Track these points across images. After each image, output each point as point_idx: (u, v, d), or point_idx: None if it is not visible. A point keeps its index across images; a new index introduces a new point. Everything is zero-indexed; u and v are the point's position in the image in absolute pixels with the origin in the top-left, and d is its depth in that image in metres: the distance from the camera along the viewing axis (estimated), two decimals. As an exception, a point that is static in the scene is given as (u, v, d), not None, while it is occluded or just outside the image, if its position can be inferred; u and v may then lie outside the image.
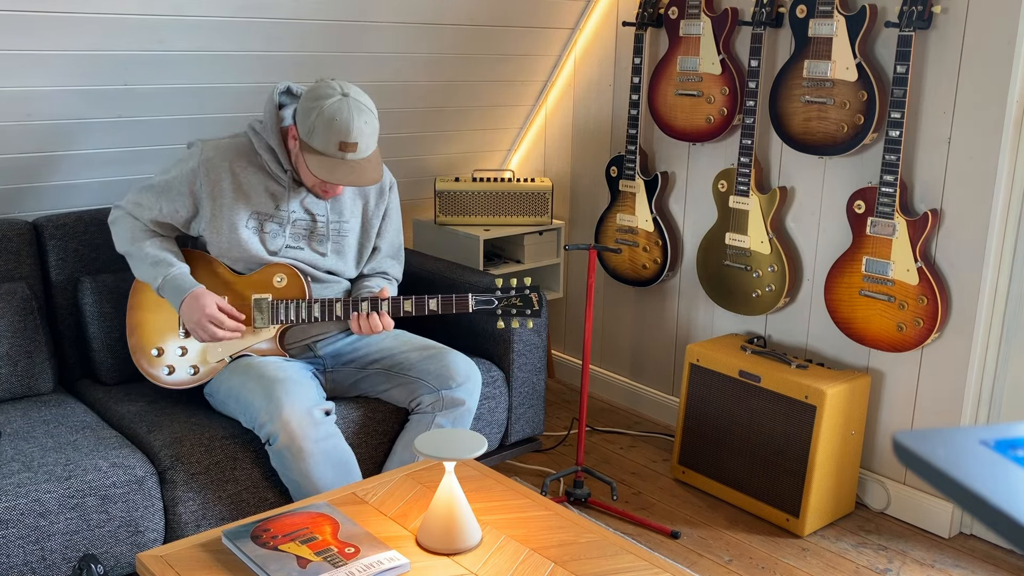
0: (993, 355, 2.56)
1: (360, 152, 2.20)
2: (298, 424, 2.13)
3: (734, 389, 2.77)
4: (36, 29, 2.28)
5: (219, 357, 2.34)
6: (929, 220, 2.51)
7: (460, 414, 2.39)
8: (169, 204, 2.33)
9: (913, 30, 2.43)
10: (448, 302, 2.31)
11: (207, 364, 2.34)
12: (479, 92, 3.39)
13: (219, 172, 2.30)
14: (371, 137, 2.21)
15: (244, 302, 2.34)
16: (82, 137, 2.63)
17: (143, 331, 2.38)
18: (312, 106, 2.18)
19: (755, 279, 2.93)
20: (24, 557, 1.95)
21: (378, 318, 2.29)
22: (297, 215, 2.37)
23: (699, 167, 3.14)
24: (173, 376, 2.36)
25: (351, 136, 2.16)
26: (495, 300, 2.31)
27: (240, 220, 2.31)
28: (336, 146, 2.16)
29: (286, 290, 2.34)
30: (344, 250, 2.46)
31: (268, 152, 2.32)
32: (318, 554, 1.69)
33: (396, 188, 2.58)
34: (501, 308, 2.31)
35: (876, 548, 2.61)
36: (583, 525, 1.89)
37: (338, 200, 2.43)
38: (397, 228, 2.60)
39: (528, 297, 2.31)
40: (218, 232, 2.32)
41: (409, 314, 2.31)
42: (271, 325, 2.34)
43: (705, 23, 2.94)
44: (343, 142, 2.16)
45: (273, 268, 2.34)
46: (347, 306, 2.31)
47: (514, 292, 2.32)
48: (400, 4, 2.82)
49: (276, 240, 2.35)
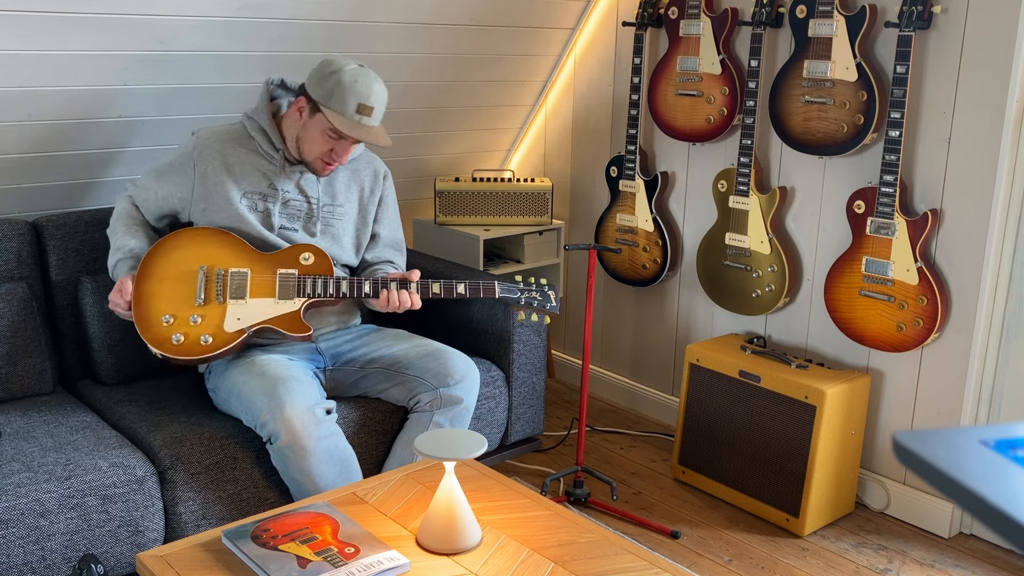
0: (993, 355, 2.56)
1: (374, 118, 2.32)
2: (300, 423, 2.14)
3: (734, 389, 2.77)
4: (36, 29, 2.28)
5: (238, 327, 2.29)
6: (929, 220, 2.51)
7: (458, 413, 2.39)
8: (165, 187, 2.41)
9: (913, 30, 2.43)
10: (476, 287, 2.36)
11: (224, 333, 2.29)
12: (479, 92, 3.39)
13: (213, 153, 2.38)
14: (383, 106, 2.34)
15: (270, 276, 2.34)
16: (82, 137, 2.63)
17: (154, 300, 2.31)
18: (330, 72, 2.30)
19: (755, 279, 2.93)
20: (24, 557, 1.95)
21: (408, 295, 2.33)
22: (291, 195, 2.42)
23: (699, 167, 3.14)
24: (183, 344, 2.26)
25: (371, 99, 2.29)
26: (518, 291, 2.40)
27: (234, 198, 2.36)
28: (355, 108, 2.28)
29: (313, 267, 2.36)
30: (339, 235, 2.48)
31: (260, 133, 2.40)
32: (318, 554, 1.69)
33: (390, 178, 2.63)
34: (524, 299, 2.40)
35: (876, 548, 2.61)
36: (583, 525, 1.89)
37: (332, 184, 2.47)
38: (395, 219, 2.64)
39: (547, 293, 2.41)
40: (214, 211, 2.36)
41: (437, 296, 2.36)
42: (296, 298, 2.34)
43: (705, 23, 2.94)
44: (363, 104, 2.28)
45: (299, 248, 2.37)
46: (376, 284, 2.34)
47: (535, 286, 2.42)
48: (400, 4, 2.82)
49: (271, 219, 2.39)
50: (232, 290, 2.31)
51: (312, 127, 2.33)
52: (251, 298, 2.31)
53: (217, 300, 2.30)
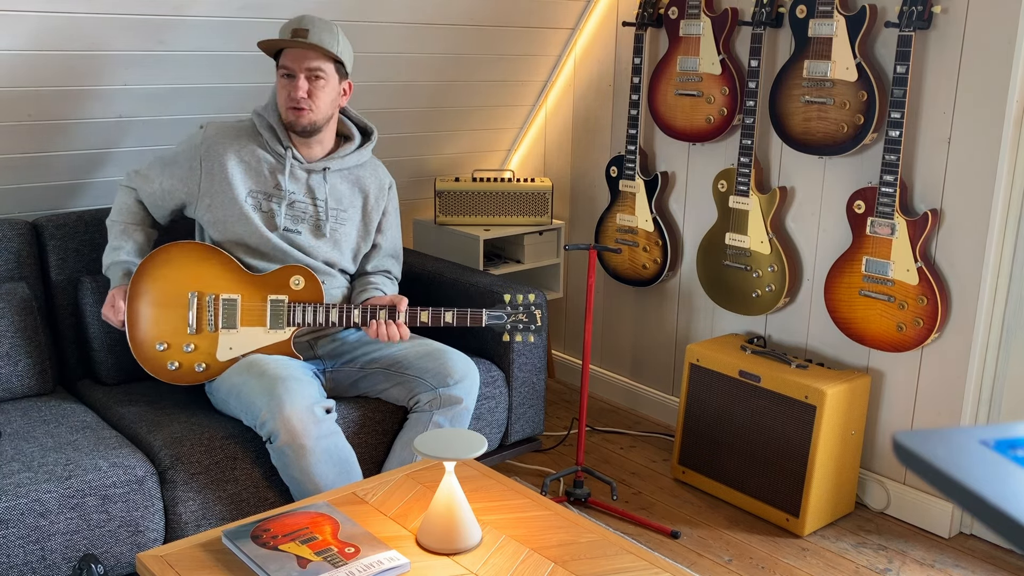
0: (993, 355, 2.56)
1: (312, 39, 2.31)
2: (299, 422, 2.14)
3: (734, 389, 2.77)
4: (36, 29, 2.28)
5: (230, 356, 2.34)
6: (929, 220, 2.51)
7: (458, 413, 2.39)
8: (169, 179, 2.41)
9: (913, 30, 2.43)
10: (463, 316, 2.38)
11: (217, 362, 2.34)
12: (479, 92, 3.39)
13: (221, 149, 2.37)
14: (324, 31, 2.33)
15: (260, 303, 2.35)
16: (82, 137, 2.64)
17: (147, 324, 2.34)
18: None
19: (755, 279, 2.93)
20: (24, 557, 1.95)
21: (396, 328, 2.35)
22: (297, 196, 2.41)
23: (699, 167, 3.14)
24: (179, 372, 2.34)
25: (303, 23, 2.31)
26: (505, 316, 2.42)
27: (239, 196, 2.36)
28: (289, 33, 2.31)
29: (303, 293, 2.35)
30: (340, 240, 2.48)
31: (268, 131, 2.40)
32: (318, 554, 1.69)
33: (395, 188, 2.62)
34: (510, 324, 2.42)
35: (876, 548, 2.61)
36: (583, 525, 1.89)
37: (336, 189, 2.47)
38: (396, 229, 2.63)
39: (533, 314, 2.44)
40: (219, 207, 2.36)
41: (425, 324, 2.38)
42: (287, 328, 2.35)
43: (705, 23, 2.94)
44: (295, 28, 2.31)
45: (290, 270, 2.36)
46: (365, 312, 2.34)
47: (521, 308, 2.43)
48: (400, 4, 2.83)
49: (275, 220, 2.39)
50: (223, 319, 2.33)
51: (278, 83, 2.37)
52: (242, 327, 2.34)
53: (209, 329, 2.33)
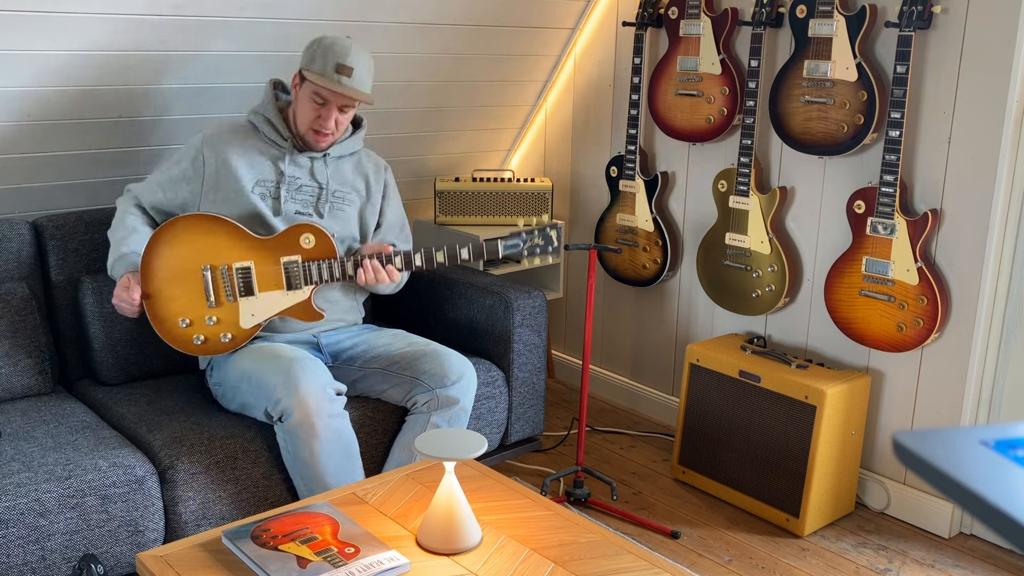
0: (993, 355, 2.56)
1: (355, 80, 2.32)
2: (314, 399, 2.17)
3: (734, 389, 2.77)
4: (37, 29, 2.28)
5: (254, 323, 2.35)
6: (929, 220, 2.51)
7: (455, 413, 2.40)
8: (171, 185, 2.43)
9: (913, 30, 2.43)
10: (478, 250, 2.40)
11: (242, 330, 2.35)
12: (479, 92, 3.39)
13: (221, 145, 2.40)
14: (366, 71, 2.34)
15: (273, 266, 2.35)
16: (82, 137, 2.63)
17: (165, 301, 2.32)
18: (315, 42, 2.36)
19: (755, 279, 2.93)
20: (24, 557, 1.95)
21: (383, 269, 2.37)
22: (303, 181, 2.44)
23: (699, 167, 3.14)
24: (206, 345, 2.35)
25: (349, 60, 2.31)
26: (521, 243, 2.43)
27: (246, 187, 2.38)
28: (334, 67, 2.30)
29: (315, 250, 2.36)
30: (347, 220, 2.50)
31: (267, 125, 2.43)
32: (318, 554, 1.69)
33: (390, 169, 2.68)
34: (527, 248, 2.43)
35: (876, 548, 2.61)
36: (583, 525, 1.89)
37: (339, 171, 2.50)
38: (399, 205, 2.67)
39: (549, 235, 2.45)
40: (225, 202, 2.37)
41: (443, 264, 2.40)
42: (305, 287, 2.36)
43: (705, 23, 2.94)
44: (340, 64, 2.31)
45: (298, 229, 2.36)
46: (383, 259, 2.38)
47: (536, 231, 2.44)
48: (400, 4, 2.82)
49: (285, 205, 2.40)
50: (240, 288, 2.34)
51: (302, 98, 2.37)
52: (260, 292, 2.34)
53: (228, 299, 2.34)
